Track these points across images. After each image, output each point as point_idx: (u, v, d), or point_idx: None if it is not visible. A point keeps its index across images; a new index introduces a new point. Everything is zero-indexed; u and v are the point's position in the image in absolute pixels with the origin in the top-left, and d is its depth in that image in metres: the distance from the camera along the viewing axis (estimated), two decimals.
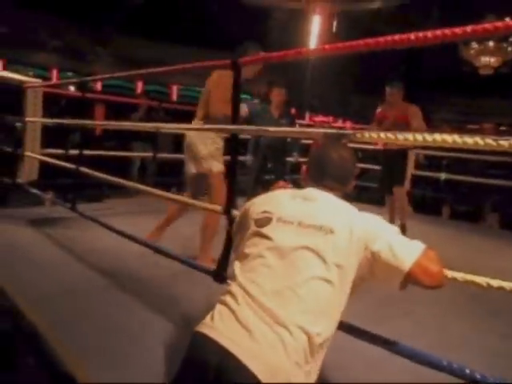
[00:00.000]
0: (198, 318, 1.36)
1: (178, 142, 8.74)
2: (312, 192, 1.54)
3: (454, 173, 7.35)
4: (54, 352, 2.08)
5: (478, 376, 1.46)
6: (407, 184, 4.79)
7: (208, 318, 1.30)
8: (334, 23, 9.25)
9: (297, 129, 3.95)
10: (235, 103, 2.18)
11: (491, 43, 7.92)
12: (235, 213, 2.23)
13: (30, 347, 2.21)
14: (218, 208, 2.48)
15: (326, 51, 1.95)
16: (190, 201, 3.17)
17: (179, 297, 2.77)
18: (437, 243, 1.57)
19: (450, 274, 1.55)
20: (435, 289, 1.37)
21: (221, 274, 2.31)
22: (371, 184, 8.11)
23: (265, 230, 1.44)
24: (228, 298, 1.32)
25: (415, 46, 1.64)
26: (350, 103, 13.89)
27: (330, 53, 1.96)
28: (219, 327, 1.25)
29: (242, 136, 2.81)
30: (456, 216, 7.16)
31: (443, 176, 7.59)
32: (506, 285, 1.49)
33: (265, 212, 1.49)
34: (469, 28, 1.48)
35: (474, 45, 7.96)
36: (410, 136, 1.63)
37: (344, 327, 1.69)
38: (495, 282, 1.52)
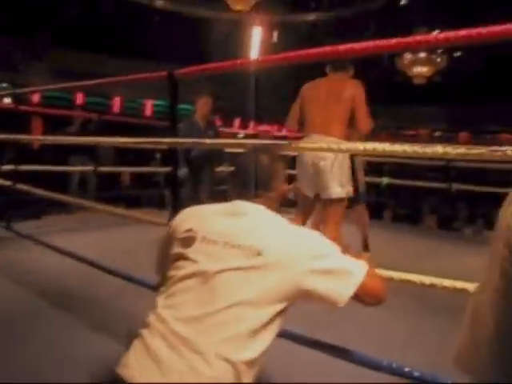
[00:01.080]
0: None
1: (120, 154, 8.61)
2: (239, 205, 1.46)
3: (394, 177, 7.61)
4: None
5: (418, 374, 1.52)
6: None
7: (125, 356, 1.26)
8: (275, 34, 9.40)
9: (232, 140, 4.01)
10: (173, 115, 2.16)
11: (422, 54, 8.30)
12: None
13: None
14: (164, 220, 2.43)
15: (260, 63, 1.99)
16: (131, 214, 3.10)
17: (123, 314, 2.69)
18: (381, 246, 1.61)
19: (391, 274, 1.59)
20: (379, 305, 1.36)
21: None
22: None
23: (188, 252, 1.36)
24: (144, 330, 1.28)
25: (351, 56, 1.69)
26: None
27: (266, 64, 1.99)
28: (132, 364, 1.21)
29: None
30: (397, 219, 7.42)
31: (385, 180, 7.83)
32: (438, 282, 1.60)
33: (189, 231, 1.41)
34: (401, 40, 1.55)
35: (407, 55, 8.33)
36: (343, 146, 1.69)
37: (290, 335, 1.70)
38: (428, 280, 1.64)
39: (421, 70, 8.27)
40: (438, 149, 1.38)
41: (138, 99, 11.64)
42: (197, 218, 1.46)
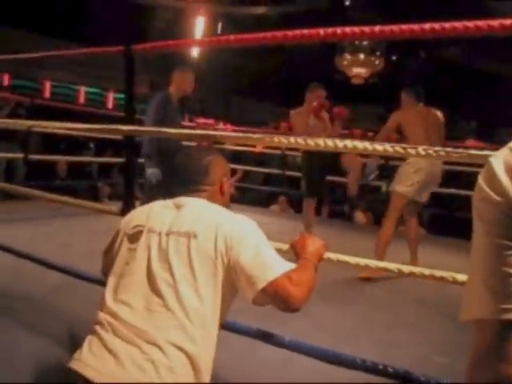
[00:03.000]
0: (82, 336, 1.28)
1: (49, 143, 8.16)
2: (181, 199, 1.50)
3: (330, 175, 7.78)
4: None
5: (370, 364, 1.55)
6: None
7: (78, 350, 1.25)
8: (219, 25, 9.31)
9: (198, 131, 3.82)
10: (129, 99, 2.03)
11: (362, 55, 8.57)
12: None
13: None
14: (113, 209, 2.32)
15: (218, 42, 1.95)
16: (85, 203, 2.93)
17: (62, 312, 2.53)
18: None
19: (330, 256, 1.61)
20: (291, 312, 1.29)
21: None
22: (254, 186, 8.31)
23: (136, 246, 1.39)
24: (97, 326, 1.28)
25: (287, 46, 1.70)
26: (230, 106, 14.12)
27: (217, 45, 1.96)
28: (86, 359, 1.21)
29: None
30: (334, 215, 7.61)
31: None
32: (373, 263, 1.67)
33: (136, 226, 1.45)
34: (339, 30, 1.54)
35: (347, 56, 8.56)
36: (275, 139, 1.70)
37: (245, 331, 1.67)
38: (363, 261, 1.68)
39: (359, 71, 8.53)
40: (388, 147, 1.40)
41: (69, 84, 11.10)
42: (143, 214, 1.49)
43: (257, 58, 10.87)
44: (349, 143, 1.59)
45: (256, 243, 1.35)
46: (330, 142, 1.62)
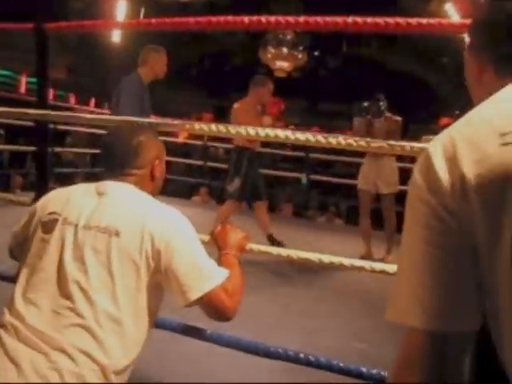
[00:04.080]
0: None
1: None
2: (103, 185, 1.34)
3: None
4: None
5: (292, 354, 1.57)
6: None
7: None
8: (142, 10, 9.02)
9: (117, 117, 3.59)
10: (42, 81, 1.88)
11: (285, 49, 8.69)
12: None
13: None
14: (26, 200, 2.15)
15: (134, 25, 1.87)
16: None
17: None
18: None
19: (253, 247, 1.62)
20: (223, 321, 1.29)
21: None
22: (176, 177, 8.18)
23: (49, 237, 1.24)
24: (1, 329, 1.15)
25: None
26: (156, 96, 13.79)
27: (137, 29, 1.89)
28: None
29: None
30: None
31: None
32: (293, 253, 1.66)
33: (52, 213, 1.28)
34: (263, 18, 1.53)
35: (271, 49, 8.64)
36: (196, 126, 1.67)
37: (165, 324, 1.63)
38: (285, 251, 1.71)
39: (282, 65, 8.65)
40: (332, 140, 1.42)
41: None
42: (61, 199, 1.33)
43: (180, 47, 10.68)
44: (280, 133, 1.57)
45: (190, 247, 1.26)
46: (261, 132, 1.59)
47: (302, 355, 1.52)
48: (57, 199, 1.34)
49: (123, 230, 1.21)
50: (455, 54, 9.59)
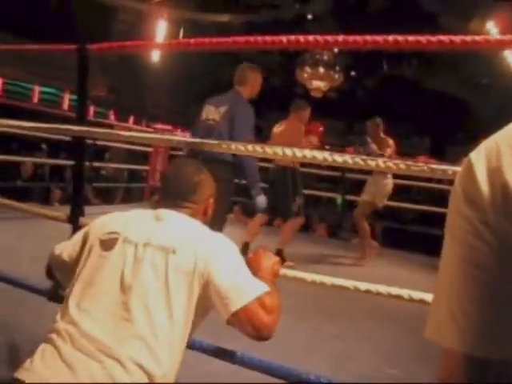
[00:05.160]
0: (28, 350, 1.18)
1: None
2: (163, 212, 1.44)
3: None
4: None
5: (325, 381, 1.51)
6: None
7: (28, 360, 1.16)
8: (181, 31, 9.23)
9: (154, 135, 3.57)
10: (82, 99, 1.92)
11: (322, 69, 8.71)
12: (82, 221, 2.03)
13: None
14: (61, 215, 2.19)
15: (177, 46, 1.90)
16: (25, 207, 2.78)
17: (2, 323, 2.37)
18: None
19: (286, 272, 1.60)
20: (260, 340, 1.27)
21: (57, 292, 2.02)
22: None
23: (108, 254, 1.31)
24: (53, 334, 1.20)
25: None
26: (189, 113, 14.04)
27: (176, 49, 1.91)
28: (38, 369, 1.12)
29: None
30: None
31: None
32: (326, 280, 1.62)
33: (112, 233, 1.36)
34: (301, 38, 1.52)
35: (308, 69, 8.68)
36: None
37: (197, 346, 1.61)
38: (319, 278, 1.65)
39: (319, 84, 8.66)
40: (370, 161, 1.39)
41: (20, 82, 10.67)
42: (119, 221, 1.42)
43: (218, 65, 10.85)
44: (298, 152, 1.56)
45: (234, 263, 1.32)
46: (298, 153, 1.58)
47: (323, 380, 1.48)
48: (115, 221, 1.43)
49: (179, 249, 1.28)
50: (496, 75, 9.38)
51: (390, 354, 2.60)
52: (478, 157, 0.58)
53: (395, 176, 5.03)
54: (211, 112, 3.32)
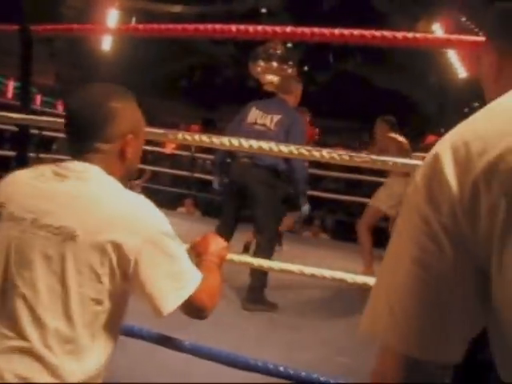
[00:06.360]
0: None
1: None
2: (65, 167, 1.09)
3: None
4: None
5: (272, 367, 1.54)
6: None
7: None
8: (133, 20, 9.04)
9: None
10: (26, 85, 1.83)
11: (275, 63, 8.73)
12: None
13: None
14: None
15: (123, 31, 1.87)
16: None
17: None
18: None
19: (233, 257, 1.59)
20: (200, 319, 1.21)
21: None
22: (162, 187, 8.13)
23: None
24: None
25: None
26: (142, 104, 13.79)
27: (125, 35, 1.89)
28: None
29: None
30: (243, 220, 7.65)
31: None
32: (276, 265, 1.66)
33: None
34: (251, 28, 1.53)
35: (261, 63, 8.67)
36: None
37: (146, 335, 1.60)
38: (266, 263, 1.69)
39: (272, 79, 8.69)
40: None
41: None
42: (10, 186, 1.10)
43: (170, 56, 10.71)
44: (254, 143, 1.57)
45: (166, 248, 1.07)
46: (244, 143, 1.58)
47: (281, 368, 1.50)
48: (4, 187, 1.11)
49: (82, 232, 1.00)
50: (440, 73, 9.75)
51: (340, 343, 2.67)
52: (445, 151, 0.55)
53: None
54: (260, 116, 3.35)
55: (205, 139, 1.57)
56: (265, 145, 1.49)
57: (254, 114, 3.37)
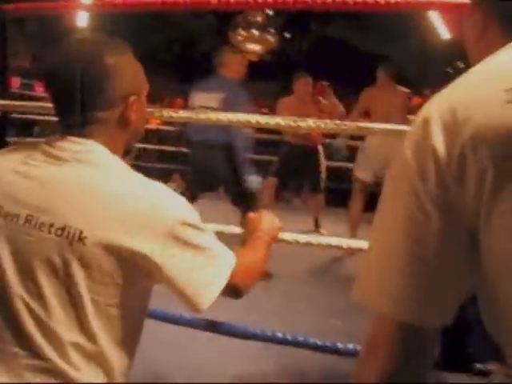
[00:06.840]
0: None
1: None
2: (60, 146, 0.91)
3: None
4: None
5: (269, 334, 1.58)
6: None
7: None
8: None
9: None
10: (3, 68, 1.79)
11: (256, 32, 8.58)
12: None
13: None
14: None
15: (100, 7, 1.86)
16: None
17: None
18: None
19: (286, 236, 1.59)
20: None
21: None
22: (149, 164, 8.08)
23: None
24: None
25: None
26: None
27: (101, 10, 1.90)
28: None
29: None
30: None
31: None
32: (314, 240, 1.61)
33: None
34: None
35: (242, 32, 8.52)
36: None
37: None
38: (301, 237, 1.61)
39: (254, 48, 8.56)
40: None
41: None
42: None
43: (148, 32, 10.49)
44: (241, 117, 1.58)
45: (190, 239, 0.93)
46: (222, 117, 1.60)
47: (279, 334, 1.55)
48: None
49: (90, 232, 0.85)
50: (422, 36, 9.68)
51: (332, 308, 2.74)
52: (432, 117, 0.55)
53: None
54: (204, 99, 3.39)
55: (191, 115, 1.57)
56: (251, 118, 1.49)
57: (200, 99, 3.42)
